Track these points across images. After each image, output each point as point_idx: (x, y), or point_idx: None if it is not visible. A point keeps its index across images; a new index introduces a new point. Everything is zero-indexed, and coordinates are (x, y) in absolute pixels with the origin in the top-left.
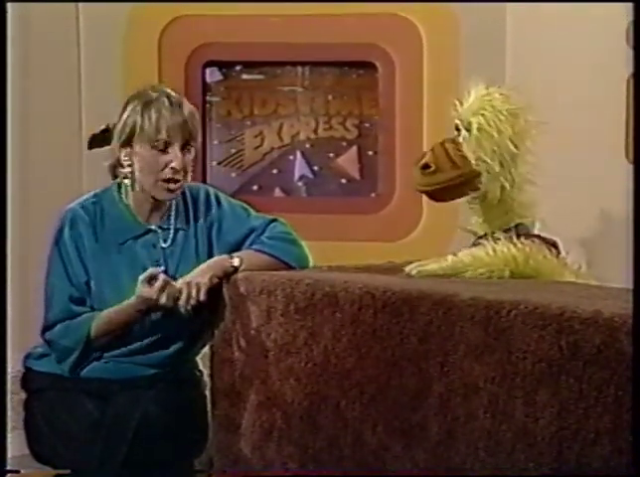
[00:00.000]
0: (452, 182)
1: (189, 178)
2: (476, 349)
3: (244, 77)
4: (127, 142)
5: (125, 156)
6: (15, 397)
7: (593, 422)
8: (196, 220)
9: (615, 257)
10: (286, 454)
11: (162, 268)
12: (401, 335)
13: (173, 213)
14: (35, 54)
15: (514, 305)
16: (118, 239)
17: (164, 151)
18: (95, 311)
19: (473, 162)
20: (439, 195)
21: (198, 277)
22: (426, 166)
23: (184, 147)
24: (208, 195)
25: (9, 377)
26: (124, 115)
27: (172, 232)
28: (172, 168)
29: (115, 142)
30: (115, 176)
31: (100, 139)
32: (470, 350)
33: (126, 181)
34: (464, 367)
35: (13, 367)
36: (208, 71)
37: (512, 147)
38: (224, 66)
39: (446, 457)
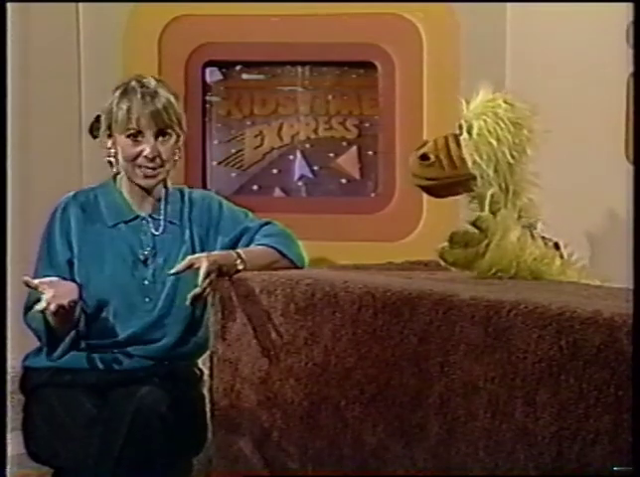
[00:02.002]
0: (446, 181)
1: (169, 165)
2: (476, 349)
3: (244, 77)
4: (109, 129)
5: (110, 145)
6: (15, 396)
7: (593, 422)
8: (190, 217)
9: (615, 257)
10: (286, 454)
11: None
12: (401, 335)
13: (163, 204)
14: (35, 53)
15: (514, 305)
16: (108, 222)
17: (137, 140)
18: None
19: (470, 165)
20: (435, 191)
21: (212, 264)
22: (425, 157)
23: (159, 135)
24: (210, 198)
25: (9, 377)
26: (106, 105)
27: (162, 222)
28: (145, 156)
29: (102, 131)
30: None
31: (96, 127)
32: (470, 350)
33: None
34: (464, 367)
35: (13, 367)
36: (208, 71)
37: (509, 157)
38: (224, 66)
39: (446, 457)
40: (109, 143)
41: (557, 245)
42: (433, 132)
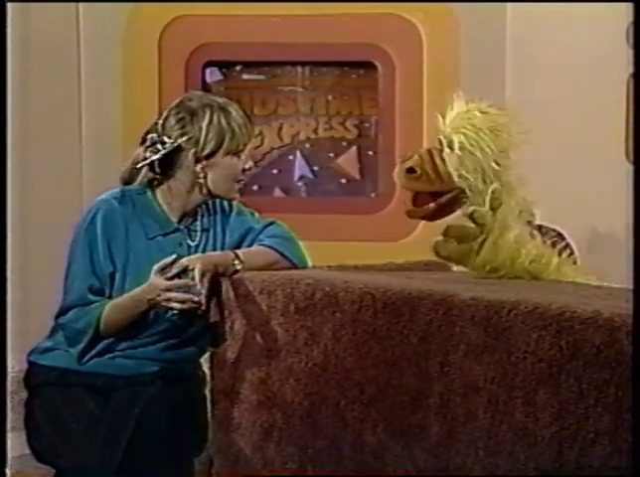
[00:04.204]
0: (433, 194)
1: None
2: (476, 349)
3: (244, 77)
4: (210, 154)
5: (200, 169)
6: (15, 397)
7: (593, 422)
8: (215, 222)
9: (615, 257)
10: (286, 454)
11: (174, 256)
12: (401, 335)
13: (200, 215)
14: (35, 54)
15: (514, 305)
16: (148, 235)
17: (240, 157)
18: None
19: (456, 179)
20: (430, 218)
21: (207, 265)
22: (412, 170)
23: None
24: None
25: (9, 377)
26: (202, 127)
27: (199, 232)
28: (246, 169)
29: (192, 156)
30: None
31: (171, 156)
32: (470, 350)
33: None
34: (464, 367)
35: (13, 367)
36: (208, 71)
37: (494, 165)
38: (224, 66)
39: (446, 457)
40: (199, 167)
41: (560, 235)
42: (433, 132)
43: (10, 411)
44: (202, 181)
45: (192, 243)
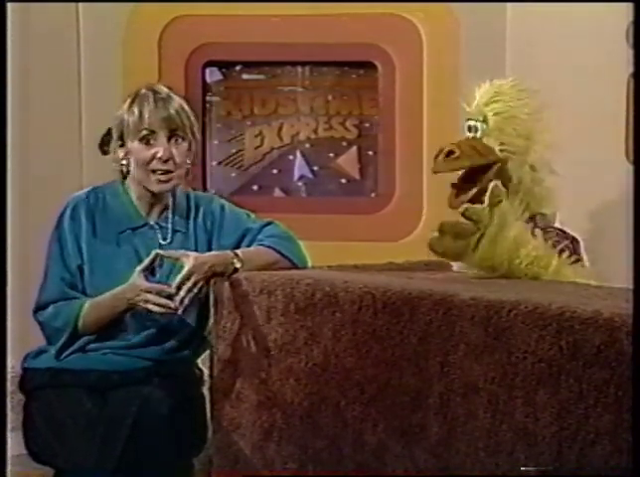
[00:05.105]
0: (475, 166)
1: (181, 170)
2: (476, 349)
3: (244, 77)
4: (120, 139)
5: (122, 154)
6: (15, 397)
7: (593, 422)
8: (196, 224)
9: (615, 257)
10: (286, 454)
11: (157, 251)
12: (401, 335)
13: (171, 212)
14: (35, 54)
15: (514, 305)
16: (117, 229)
17: (150, 144)
18: (88, 296)
19: (497, 149)
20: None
21: (199, 267)
22: (451, 152)
23: (171, 138)
24: (211, 202)
25: (9, 377)
26: (117, 115)
27: (170, 231)
28: (158, 158)
29: (114, 142)
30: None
31: (107, 141)
32: (470, 350)
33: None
34: (464, 367)
35: (13, 367)
36: (208, 71)
37: (530, 123)
38: (224, 66)
39: (446, 457)
40: (122, 153)
41: (575, 240)
42: (433, 132)
43: (10, 411)
44: (123, 168)
45: (163, 242)
